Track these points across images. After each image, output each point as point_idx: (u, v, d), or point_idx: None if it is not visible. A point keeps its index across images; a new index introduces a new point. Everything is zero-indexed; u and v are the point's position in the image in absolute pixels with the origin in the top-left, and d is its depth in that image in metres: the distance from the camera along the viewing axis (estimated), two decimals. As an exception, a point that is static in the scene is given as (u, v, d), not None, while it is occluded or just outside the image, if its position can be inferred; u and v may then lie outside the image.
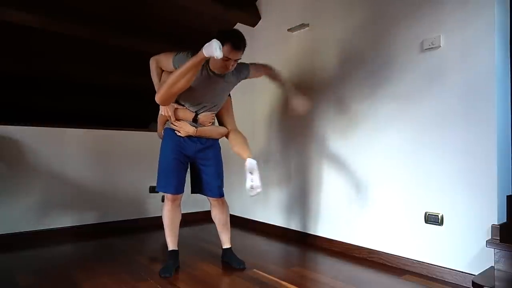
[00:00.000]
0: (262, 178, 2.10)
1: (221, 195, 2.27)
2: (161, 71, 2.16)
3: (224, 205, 2.33)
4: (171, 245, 2.21)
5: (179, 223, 2.23)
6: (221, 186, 2.27)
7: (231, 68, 2.02)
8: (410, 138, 2.27)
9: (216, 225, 2.36)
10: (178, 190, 2.14)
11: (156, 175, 2.17)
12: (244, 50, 2.00)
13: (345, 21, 2.70)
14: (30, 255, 2.48)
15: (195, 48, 2.12)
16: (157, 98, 2.02)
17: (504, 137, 2.01)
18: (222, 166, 2.30)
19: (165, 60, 2.10)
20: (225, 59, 1.93)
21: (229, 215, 2.38)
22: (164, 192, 2.15)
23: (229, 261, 2.27)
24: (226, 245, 2.35)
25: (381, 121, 2.43)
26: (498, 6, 1.97)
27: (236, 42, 1.92)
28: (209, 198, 2.29)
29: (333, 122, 2.74)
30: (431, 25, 2.18)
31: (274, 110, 3.29)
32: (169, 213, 2.17)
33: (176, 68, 1.99)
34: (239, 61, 2.08)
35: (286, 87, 2.48)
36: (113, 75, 4.30)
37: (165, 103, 2.06)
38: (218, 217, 2.33)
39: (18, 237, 2.78)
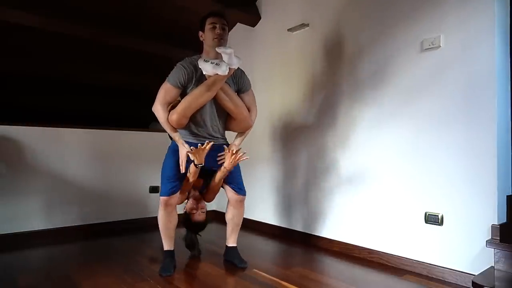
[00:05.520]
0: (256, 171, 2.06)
1: (244, 193, 2.31)
2: (168, 113, 2.09)
3: (243, 205, 2.34)
4: (166, 246, 2.21)
5: (173, 227, 2.19)
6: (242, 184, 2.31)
7: (221, 32, 2.06)
8: (410, 138, 2.27)
9: (229, 224, 2.35)
10: (170, 192, 2.09)
11: (157, 175, 2.16)
12: (224, 17, 2.13)
13: (345, 21, 2.70)
14: (30, 255, 2.48)
15: (193, 49, 2.14)
16: (174, 118, 2.03)
17: (504, 136, 2.01)
18: (239, 167, 2.29)
19: (163, 89, 2.08)
20: (211, 26, 2.07)
21: None
22: (160, 196, 2.12)
23: (232, 260, 2.28)
24: (233, 243, 2.35)
25: (381, 121, 2.43)
26: (498, 6, 1.97)
27: (212, 11, 2.15)
28: (231, 198, 2.28)
29: (333, 122, 2.74)
30: (431, 25, 2.18)
31: (274, 109, 3.29)
32: (162, 218, 2.16)
33: (172, 84, 2.04)
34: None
35: (238, 142, 2.31)
36: (113, 75, 4.30)
37: (182, 121, 2.06)
38: (237, 217, 2.33)
39: (18, 237, 2.77)
